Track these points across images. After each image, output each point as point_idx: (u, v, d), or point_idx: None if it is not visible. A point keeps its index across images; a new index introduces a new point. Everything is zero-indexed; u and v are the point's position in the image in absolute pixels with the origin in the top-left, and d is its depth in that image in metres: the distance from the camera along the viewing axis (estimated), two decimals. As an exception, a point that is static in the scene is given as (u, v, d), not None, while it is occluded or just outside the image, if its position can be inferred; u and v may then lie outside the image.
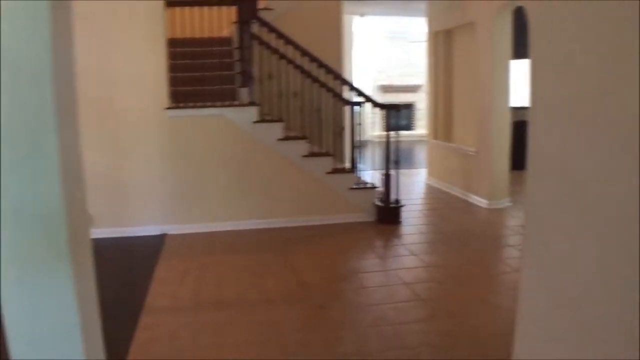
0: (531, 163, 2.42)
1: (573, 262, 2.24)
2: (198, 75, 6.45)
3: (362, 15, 12.01)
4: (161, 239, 5.80)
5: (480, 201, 7.37)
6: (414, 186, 9.04)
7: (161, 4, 5.89)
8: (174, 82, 6.11)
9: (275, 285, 4.50)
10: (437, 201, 7.95)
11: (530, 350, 2.54)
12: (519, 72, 7.52)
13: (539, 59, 2.37)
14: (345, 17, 8.93)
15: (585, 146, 2.13)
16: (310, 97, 6.41)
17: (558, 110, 2.28)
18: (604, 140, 2.04)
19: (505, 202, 7.28)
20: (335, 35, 7.54)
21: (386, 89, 16.93)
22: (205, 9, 6.55)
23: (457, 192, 8.10)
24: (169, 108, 5.93)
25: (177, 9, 6.39)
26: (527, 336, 2.57)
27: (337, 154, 6.68)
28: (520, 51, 7.48)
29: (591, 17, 2.04)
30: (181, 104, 6.01)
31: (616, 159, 1.96)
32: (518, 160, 6.87)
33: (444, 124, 9.00)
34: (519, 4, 6.54)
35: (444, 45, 8.83)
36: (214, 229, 6.08)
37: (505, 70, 7.09)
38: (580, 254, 2.19)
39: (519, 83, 7.54)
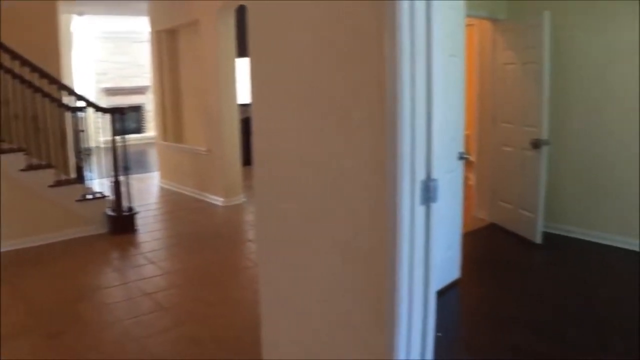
0: (256, 158, 2.47)
1: (303, 254, 2.35)
2: None
3: (80, 14, 11.23)
4: None
5: (216, 199, 7.43)
6: (148, 191, 8.71)
7: None
8: None
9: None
10: (173, 204, 7.79)
11: (276, 338, 2.60)
12: (244, 70, 7.75)
13: (257, 57, 2.42)
14: (64, 17, 8.15)
15: (300, 139, 2.23)
16: (24, 105, 5.64)
17: (272, 107, 2.36)
18: (314, 132, 2.17)
19: (240, 199, 7.45)
20: (51, 36, 6.81)
21: (111, 91, 15.96)
22: None
23: (192, 192, 8.04)
24: None
25: None
26: (273, 329, 2.63)
27: (61, 165, 6.03)
28: (244, 49, 7.71)
29: (305, 18, 2.14)
30: None
31: (333, 154, 2.09)
32: (249, 156, 7.08)
33: (173, 124, 8.84)
34: (241, 2, 6.71)
35: (168, 45, 8.65)
36: None
37: (231, 68, 7.24)
38: (308, 246, 2.31)
39: (245, 81, 7.77)
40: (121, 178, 6.06)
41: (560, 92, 5.34)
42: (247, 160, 7.46)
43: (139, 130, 16.41)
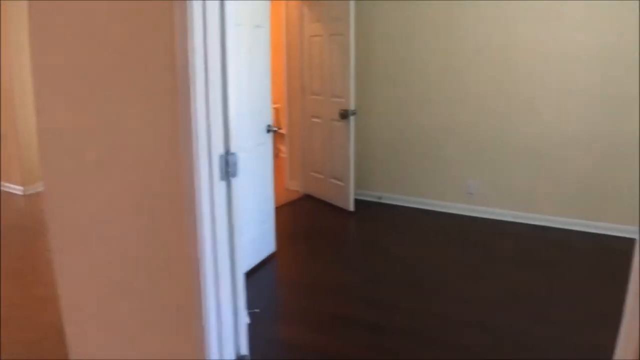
0: (42, 142, 2.18)
1: (100, 243, 2.14)
2: None
3: None
4: None
5: (15, 188, 6.65)
6: None
7: None
8: None
9: None
10: (-44, 193, 6.81)
11: (80, 336, 2.36)
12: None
13: (37, 28, 2.11)
14: None
15: (88, 118, 2.01)
16: None
17: (58, 86, 2.09)
18: (104, 110, 1.97)
19: (42, 186, 6.74)
20: None
21: None
22: None
23: (-20, 179, 7.10)
24: None
25: None
26: (75, 327, 2.38)
27: None
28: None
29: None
30: None
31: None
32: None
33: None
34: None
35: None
36: None
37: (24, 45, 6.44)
38: (105, 232, 2.11)
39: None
40: None
41: (367, 63, 5.60)
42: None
43: None
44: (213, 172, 1.85)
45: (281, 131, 6.80)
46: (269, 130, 4.02)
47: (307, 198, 6.03)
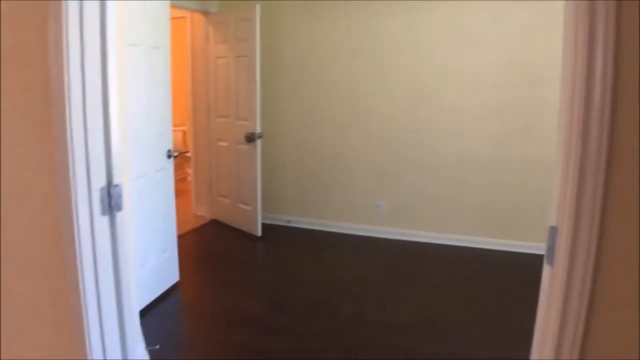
0: None
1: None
2: None
3: None
4: None
5: None
6: None
7: None
8: None
9: None
10: None
11: None
12: None
13: None
14: None
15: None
16: None
17: None
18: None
19: None
20: None
21: None
22: None
23: None
24: None
25: None
26: None
27: None
28: None
29: None
30: None
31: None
32: None
33: None
34: None
35: None
36: None
37: None
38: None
39: None
40: None
41: (274, 85, 5.55)
42: None
43: None
44: (93, 207, 1.68)
45: (187, 154, 6.60)
46: (169, 156, 3.85)
47: (214, 223, 5.85)
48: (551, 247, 1.14)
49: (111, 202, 1.75)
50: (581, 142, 1.04)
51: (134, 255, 2.88)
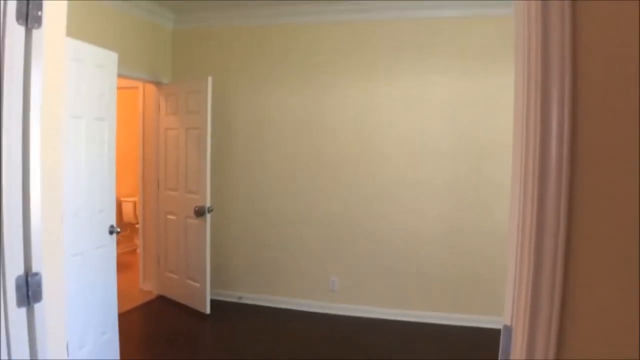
0: None
1: None
2: None
3: None
4: None
5: None
6: None
7: None
8: None
9: None
10: None
11: None
12: None
13: None
14: None
15: None
16: None
17: None
18: None
19: None
20: None
21: None
22: None
23: None
24: None
25: None
26: None
27: None
28: None
29: None
30: None
31: None
32: None
33: None
34: None
35: None
36: None
37: None
38: None
39: None
40: None
41: (225, 158, 5.45)
42: None
43: None
44: (7, 299, 1.51)
45: (137, 226, 6.36)
46: (112, 232, 3.65)
47: (161, 300, 5.55)
48: (505, 349, 1.04)
49: (29, 292, 1.58)
50: (535, 230, 0.96)
51: (64, 343, 2.63)
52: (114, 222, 3.67)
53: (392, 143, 4.96)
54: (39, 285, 1.60)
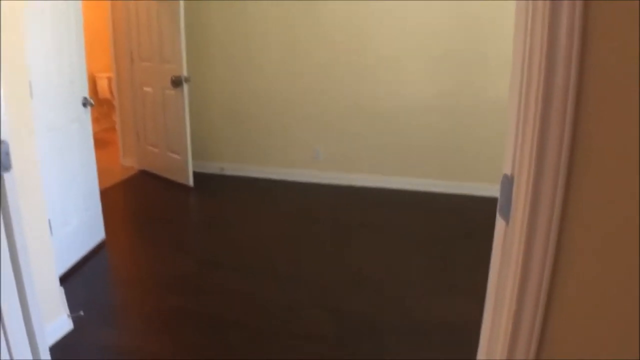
0: None
1: None
2: None
3: None
4: None
5: None
6: None
7: None
8: None
9: None
10: None
11: None
12: None
13: None
14: None
15: None
16: None
17: None
18: None
19: None
20: None
21: None
22: None
23: None
24: None
25: None
26: None
27: None
28: None
29: None
30: None
31: None
32: None
33: None
34: None
35: None
36: None
37: None
38: None
39: None
40: None
41: (200, 25, 5.17)
42: None
43: None
44: (-26, 167, 1.42)
45: (115, 103, 6.17)
46: (85, 104, 3.49)
47: (144, 174, 5.52)
48: (506, 200, 0.98)
49: (-3, 160, 1.49)
50: (545, 75, 0.86)
51: (44, 216, 2.59)
52: (86, 94, 3.50)
53: (379, 16, 4.70)
54: (6, 153, 1.51)
